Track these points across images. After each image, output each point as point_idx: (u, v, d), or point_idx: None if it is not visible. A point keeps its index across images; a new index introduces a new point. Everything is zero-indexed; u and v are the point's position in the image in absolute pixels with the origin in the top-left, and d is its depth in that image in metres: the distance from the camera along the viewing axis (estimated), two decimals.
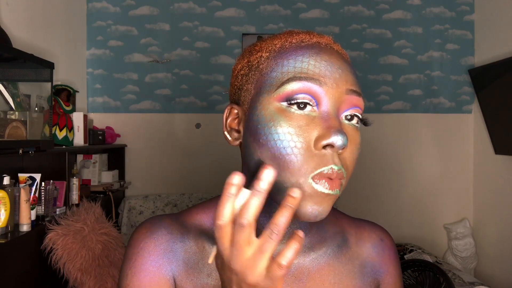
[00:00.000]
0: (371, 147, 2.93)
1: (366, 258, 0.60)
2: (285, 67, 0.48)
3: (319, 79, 0.46)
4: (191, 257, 0.55)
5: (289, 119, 0.46)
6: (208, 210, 0.58)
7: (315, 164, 0.45)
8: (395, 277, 0.62)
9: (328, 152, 0.45)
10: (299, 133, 0.45)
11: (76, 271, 1.70)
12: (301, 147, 0.45)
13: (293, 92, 0.46)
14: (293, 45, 0.50)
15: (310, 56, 0.48)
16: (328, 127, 0.45)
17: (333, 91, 0.46)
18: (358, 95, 0.48)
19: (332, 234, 0.59)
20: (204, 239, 0.56)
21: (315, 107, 0.46)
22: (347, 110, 0.48)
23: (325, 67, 0.47)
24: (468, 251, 2.79)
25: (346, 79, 0.48)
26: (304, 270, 0.55)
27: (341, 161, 0.46)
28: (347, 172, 0.47)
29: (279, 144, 0.45)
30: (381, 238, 0.62)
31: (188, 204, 2.77)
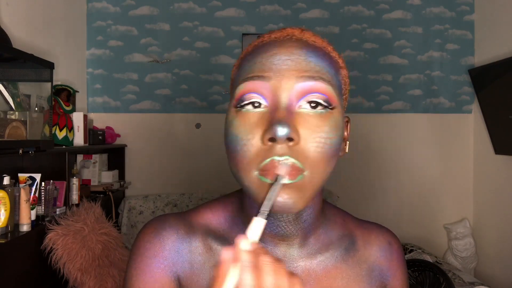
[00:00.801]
0: (371, 147, 2.93)
1: (373, 262, 0.59)
2: (241, 72, 0.50)
3: (263, 75, 0.46)
4: (197, 257, 0.55)
5: (242, 119, 0.47)
6: (215, 210, 0.58)
7: (261, 157, 0.45)
8: (401, 281, 0.61)
9: (275, 145, 0.44)
10: (249, 131, 0.46)
11: (76, 271, 1.70)
12: (250, 143, 0.46)
13: (242, 93, 0.47)
14: (254, 48, 0.52)
15: (258, 55, 0.49)
16: (271, 120, 0.44)
17: (281, 83, 0.46)
18: (313, 79, 0.46)
19: (340, 236, 0.59)
20: (211, 239, 0.56)
21: (265, 103, 0.47)
22: (302, 98, 0.46)
23: (271, 62, 0.47)
24: (468, 251, 2.79)
25: (296, 67, 0.46)
26: (311, 273, 0.55)
27: (295, 152, 0.44)
28: (308, 165, 0.45)
29: (233, 143, 0.47)
30: (389, 241, 0.62)
31: (188, 204, 2.77)
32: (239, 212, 0.57)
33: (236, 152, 0.47)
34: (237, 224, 0.56)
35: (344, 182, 2.87)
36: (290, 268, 0.54)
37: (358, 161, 2.90)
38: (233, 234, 0.56)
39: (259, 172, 0.45)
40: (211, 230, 0.56)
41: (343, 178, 2.86)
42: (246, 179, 0.47)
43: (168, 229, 0.56)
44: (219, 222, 0.57)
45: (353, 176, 2.91)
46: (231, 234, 0.56)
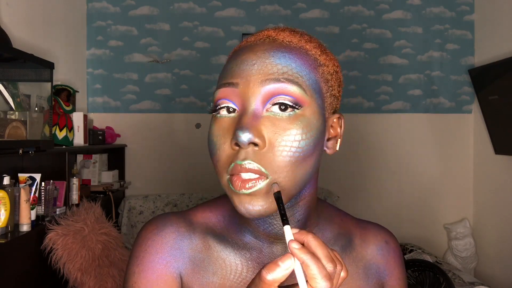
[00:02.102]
0: (371, 147, 2.93)
1: (370, 260, 0.60)
2: (218, 79, 0.52)
3: (233, 82, 0.47)
4: (197, 255, 0.55)
5: (218, 124, 0.49)
6: (215, 209, 0.59)
7: (228, 162, 0.46)
8: (399, 280, 0.62)
9: (240, 150, 0.45)
10: (222, 135, 0.48)
11: (76, 271, 1.70)
12: (222, 148, 0.47)
13: (216, 100, 0.49)
14: (232, 53, 0.53)
15: (232, 61, 0.50)
16: (236, 125, 0.45)
17: (247, 88, 0.46)
18: (278, 81, 0.46)
19: (336, 235, 0.59)
20: (210, 237, 0.56)
21: (237, 108, 0.48)
22: (269, 101, 0.46)
23: (239, 67, 0.48)
24: (468, 251, 2.79)
25: (261, 71, 0.46)
26: None
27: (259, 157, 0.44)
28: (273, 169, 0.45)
29: (210, 147, 0.50)
30: (386, 240, 0.62)
31: (188, 204, 2.78)
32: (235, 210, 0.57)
33: (213, 156, 0.49)
34: (234, 223, 0.57)
35: (344, 182, 2.87)
36: None
37: (358, 161, 2.90)
38: (230, 232, 0.57)
39: (229, 178, 0.47)
40: (210, 229, 0.57)
41: (343, 178, 2.87)
42: (221, 184, 0.49)
43: (169, 227, 0.56)
44: (217, 221, 0.58)
45: (353, 176, 2.91)
46: (228, 233, 0.57)
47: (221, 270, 0.54)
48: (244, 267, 0.54)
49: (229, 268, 0.54)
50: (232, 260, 0.55)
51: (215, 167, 0.49)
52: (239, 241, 0.56)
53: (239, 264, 0.55)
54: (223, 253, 0.55)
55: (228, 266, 0.55)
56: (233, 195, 0.47)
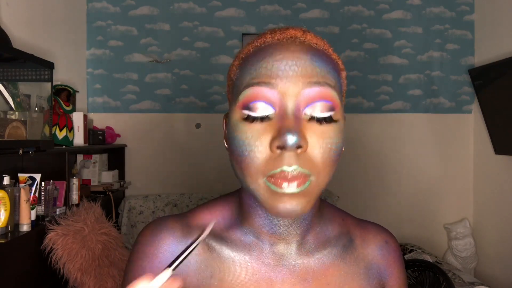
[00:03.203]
0: (371, 147, 2.93)
1: (371, 260, 0.60)
2: (244, 75, 0.49)
3: (270, 82, 0.46)
4: (193, 259, 0.55)
5: (248, 125, 0.47)
6: (214, 210, 0.59)
7: (270, 166, 0.45)
8: (399, 280, 0.62)
9: (284, 153, 0.44)
10: (257, 137, 0.46)
11: (76, 271, 1.70)
12: (257, 150, 0.46)
13: (248, 100, 0.47)
14: (255, 49, 0.51)
15: (263, 59, 0.48)
16: (280, 128, 0.45)
17: (287, 90, 0.46)
18: (320, 85, 0.46)
19: (338, 234, 0.59)
20: (209, 238, 0.56)
21: (272, 110, 0.47)
22: (309, 105, 0.46)
23: (277, 66, 0.46)
24: (468, 251, 2.79)
25: (302, 73, 0.46)
26: (309, 270, 0.55)
27: (303, 160, 0.45)
28: (315, 171, 0.46)
29: (239, 149, 0.47)
30: (386, 240, 0.62)
31: (188, 204, 2.77)
32: (238, 211, 0.58)
33: (243, 157, 0.47)
34: (235, 223, 0.57)
35: (344, 182, 2.87)
36: (288, 265, 0.55)
37: (358, 161, 2.90)
38: (230, 233, 0.56)
39: (267, 179, 0.46)
40: None
41: (343, 178, 2.87)
42: (252, 185, 0.47)
43: (164, 232, 0.56)
44: (217, 222, 0.58)
45: (353, 176, 2.91)
46: (228, 234, 0.56)
47: (219, 272, 0.54)
48: (242, 269, 0.54)
49: (227, 270, 0.54)
50: (230, 262, 0.55)
51: (243, 169, 0.47)
52: (239, 242, 0.56)
53: (238, 267, 0.55)
54: (222, 255, 0.55)
55: (227, 269, 0.54)
56: (272, 196, 0.46)
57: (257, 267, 0.55)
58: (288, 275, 0.55)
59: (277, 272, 0.55)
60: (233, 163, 0.50)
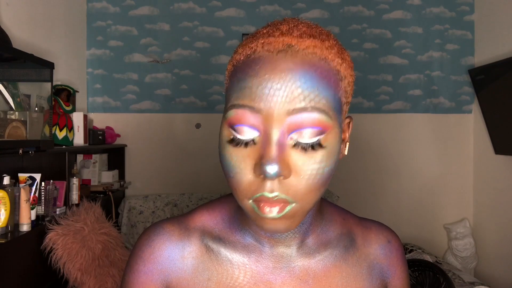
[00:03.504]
0: (371, 147, 2.93)
1: (373, 260, 0.59)
2: (232, 90, 0.47)
3: (254, 106, 0.44)
4: (189, 262, 0.55)
5: (234, 147, 0.46)
6: (212, 211, 0.59)
7: (253, 190, 0.45)
8: (402, 279, 0.61)
9: (266, 179, 0.44)
10: (241, 160, 0.45)
11: (76, 271, 1.70)
12: (242, 173, 0.45)
13: (233, 122, 0.45)
14: (245, 58, 0.47)
15: (249, 77, 0.45)
16: (262, 156, 0.43)
17: (271, 115, 0.43)
18: (308, 111, 0.43)
19: (339, 235, 0.59)
20: (208, 239, 0.56)
21: (257, 133, 0.45)
22: (295, 131, 0.44)
23: (262, 89, 0.43)
24: (468, 251, 2.79)
25: (288, 98, 0.43)
26: (309, 272, 0.55)
27: (285, 187, 0.44)
28: (298, 197, 0.45)
29: (226, 168, 0.47)
30: (389, 239, 0.61)
31: (188, 204, 2.77)
32: (237, 211, 0.57)
33: (230, 178, 0.47)
34: (234, 224, 0.57)
35: (344, 182, 2.87)
36: (288, 267, 0.54)
37: (358, 161, 2.90)
38: (229, 234, 0.56)
39: (253, 201, 0.46)
40: (207, 232, 0.57)
41: (343, 178, 2.86)
42: (240, 203, 0.48)
43: (161, 237, 0.57)
44: (215, 223, 0.57)
45: (353, 176, 2.91)
46: (227, 235, 0.56)
47: (217, 274, 0.54)
48: (241, 272, 0.54)
49: (225, 273, 0.54)
50: (228, 264, 0.54)
51: (231, 187, 0.48)
52: (237, 244, 0.55)
53: (236, 269, 0.54)
54: (220, 257, 0.55)
55: (225, 271, 0.54)
56: (257, 217, 0.46)
57: (256, 269, 0.54)
58: (287, 277, 0.54)
59: (277, 274, 0.54)
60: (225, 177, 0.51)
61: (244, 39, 0.52)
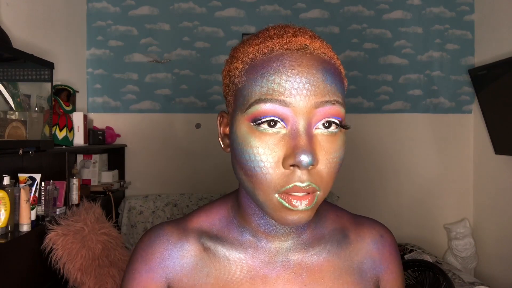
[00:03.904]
0: (370, 147, 2.93)
1: (365, 254, 0.61)
2: (253, 86, 0.48)
3: (284, 100, 0.46)
4: (189, 260, 0.58)
5: (259, 139, 0.47)
6: (210, 212, 0.61)
7: (283, 182, 0.46)
8: (395, 274, 0.62)
9: (296, 170, 0.46)
10: (268, 153, 0.46)
11: (76, 271, 1.70)
12: (269, 166, 0.46)
13: (260, 114, 0.46)
14: (263, 56, 0.49)
15: (276, 73, 0.47)
16: (294, 147, 0.45)
17: (300, 108, 0.46)
18: (332, 103, 0.47)
19: (332, 230, 0.60)
20: (205, 239, 0.58)
21: (284, 124, 0.47)
22: (319, 122, 0.47)
23: (291, 83, 0.46)
24: (468, 251, 2.79)
25: (315, 91, 0.46)
26: (303, 266, 0.57)
27: (313, 175, 0.46)
28: (322, 185, 0.48)
29: (250, 164, 0.47)
30: (381, 234, 0.63)
31: (188, 204, 2.77)
32: (235, 212, 0.59)
33: (254, 173, 0.47)
34: (231, 223, 0.59)
35: (344, 182, 2.87)
36: (283, 262, 0.56)
37: (358, 161, 2.90)
38: (226, 233, 0.58)
39: (279, 195, 0.47)
40: (205, 232, 0.59)
41: (343, 178, 2.86)
42: (263, 199, 0.48)
43: (161, 238, 0.59)
44: (212, 223, 0.60)
45: (353, 176, 2.91)
46: (224, 234, 0.58)
47: (215, 271, 0.56)
48: (238, 267, 0.56)
49: (222, 268, 0.56)
50: (225, 261, 0.56)
51: (253, 183, 0.48)
52: (235, 241, 0.57)
53: (233, 265, 0.56)
54: (217, 255, 0.57)
55: (222, 267, 0.56)
56: (282, 209, 0.47)
57: (252, 264, 0.56)
58: (282, 271, 0.56)
59: (272, 268, 0.56)
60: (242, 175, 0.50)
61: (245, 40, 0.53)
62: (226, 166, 2.85)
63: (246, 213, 0.57)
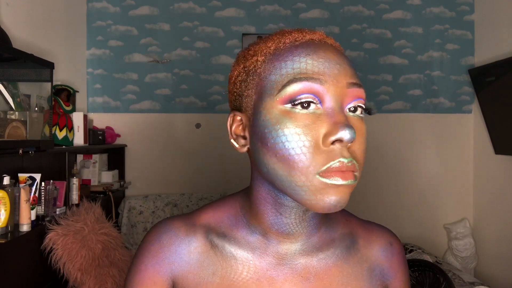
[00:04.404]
0: (371, 147, 2.92)
1: (374, 262, 0.60)
2: (283, 69, 0.48)
3: (319, 78, 0.46)
4: (195, 257, 0.57)
5: (295, 119, 0.46)
6: (218, 209, 0.60)
7: (324, 160, 0.45)
8: (403, 282, 0.62)
9: (337, 147, 0.45)
10: (306, 132, 0.46)
11: (76, 271, 1.70)
12: (309, 145, 0.45)
13: (296, 93, 0.46)
14: (287, 45, 0.50)
15: (307, 55, 0.48)
16: (334, 122, 0.45)
17: (334, 87, 0.47)
18: (359, 86, 0.49)
19: (341, 235, 0.60)
20: (212, 236, 0.57)
21: (319, 105, 0.47)
22: (351, 103, 0.48)
23: (323, 64, 0.47)
24: (468, 251, 2.79)
25: (345, 73, 0.48)
26: (311, 270, 0.56)
27: (351, 154, 0.46)
28: (359, 163, 0.48)
29: (287, 145, 0.46)
30: (390, 242, 0.62)
31: (188, 204, 2.77)
32: (243, 210, 0.58)
33: (293, 154, 0.46)
34: (240, 221, 0.58)
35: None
36: (291, 264, 0.55)
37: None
38: (234, 231, 0.57)
39: (321, 175, 0.45)
40: (213, 229, 0.58)
41: None
42: (301, 182, 0.46)
43: (168, 233, 0.58)
44: (220, 220, 0.59)
45: None
46: (232, 232, 0.57)
47: (221, 270, 0.55)
48: (244, 267, 0.55)
49: (229, 268, 0.55)
50: (232, 260, 0.55)
51: (291, 165, 0.46)
52: (243, 240, 0.56)
53: (240, 264, 0.55)
54: (224, 253, 0.56)
55: (229, 266, 0.55)
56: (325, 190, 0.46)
57: (259, 265, 0.55)
58: (290, 274, 0.55)
59: (279, 271, 0.55)
60: (272, 161, 0.48)
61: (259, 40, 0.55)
62: (226, 166, 2.85)
63: (259, 211, 0.55)
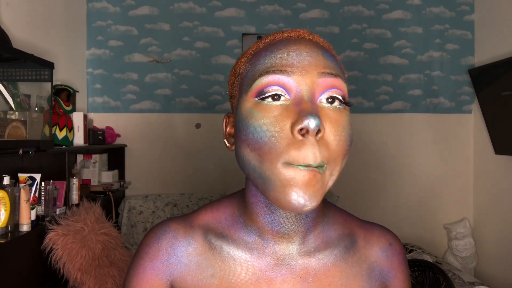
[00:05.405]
0: (371, 147, 2.93)
1: (374, 262, 0.60)
2: (257, 66, 0.50)
3: (286, 70, 0.47)
4: (194, 258, 0.57)
5: (264, 111, 0.47)
6: (216, 210, 0.60)
7: (291, 150, 0.45)
8: (403, 282, 0.61)
9: (305, 137, 0.44)
10: (275, 123, 0.46)
11: (76, 271, 1.70)
12: (277, 135, 0.46)
13: (263, 86, 0.48)
14: (265, 45, 0.52)
15: (278, 50, 0.49)
16: (299, 111, 0.45)
17: (303, 78, 0.47)
18: (333, 76, 0.48)
19: (340, 235, 0.59)
20: (211, 237, 0.57)
21: (287, 96, 0.47)
22: (323, 93, 0.48)
23: (292, 57, 0.48)
24: (468, 251, 2.79)
25: (316, 63, 0.48)
26: (309, 270, 0.55)
27: (322, 147, 0.45)
28: (333, 155, 0.46)
29: (257, 135, 0.47)
30: (390, 242, 0.62)
31: (188, 204, 2.77)
32: (241, 211, 0.58)
33: (261, 143, 0.46)
34: (238, 222, 0.58)
35: (344, 182, 2.86)
36: (289, 265, 0.55)
37: (358, 161, 2.90)
38: (232, 232, 0.57)
39: (282, 164, 0.45)
40: (211, 229, 0.58)
41: (343, 178, 2.84)
42: (269, 171, 0.46)
43: (166, 235, 0.59)
44: (218, 221, 0.59)
45: (353, 176, 2.91)
46: (230, 232, 0.57)
47: (220, 271, 0.55)
48: (243, 268, 0.55)
49: (227, 269, 0.55)
50: (231, 261, 0.55)
51: (261, 155, 0.46)
52: (240, 241, 0.56)
53: (238, 266, 0.55)
54: (223, 254, 0.56)
55: (227, 268, 0.55)
56: (286, 185, 0.45)
57: (258, 266, 0.55)
58: (288, 275, 0.55)
59: (278, 272, 0.55)
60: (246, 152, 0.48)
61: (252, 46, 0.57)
62: (227, 166, 2.85)
63: (253, 210, 0.55)
